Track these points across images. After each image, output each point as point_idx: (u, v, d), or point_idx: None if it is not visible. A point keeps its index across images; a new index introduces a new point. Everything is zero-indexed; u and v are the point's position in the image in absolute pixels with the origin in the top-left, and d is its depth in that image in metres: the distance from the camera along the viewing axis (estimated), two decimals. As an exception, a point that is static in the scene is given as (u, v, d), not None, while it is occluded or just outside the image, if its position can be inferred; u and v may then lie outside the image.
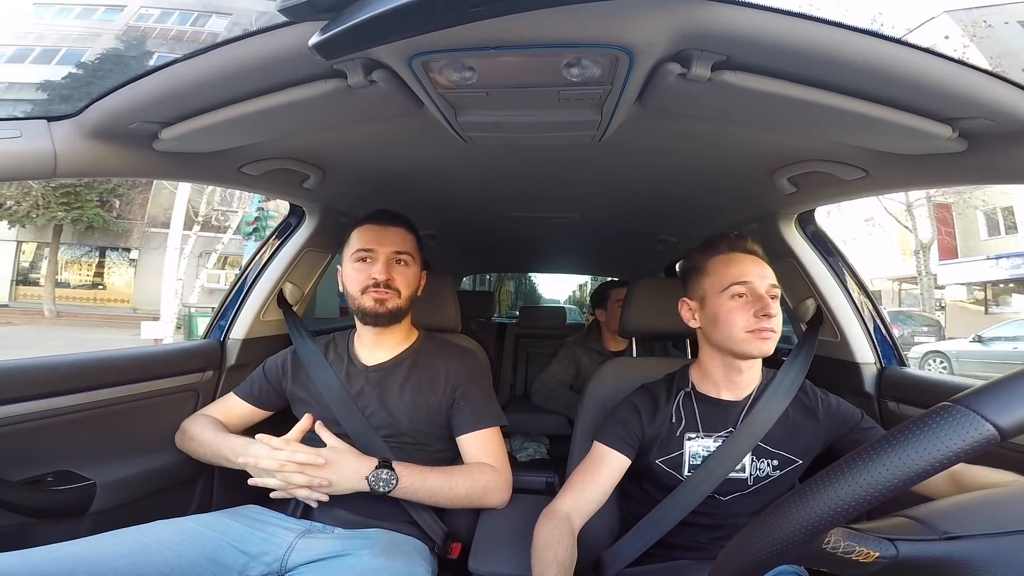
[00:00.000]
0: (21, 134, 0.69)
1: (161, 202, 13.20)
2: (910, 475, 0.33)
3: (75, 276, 14.19)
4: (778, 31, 0.52)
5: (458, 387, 1.00)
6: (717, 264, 0.88)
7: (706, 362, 0.92)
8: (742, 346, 0.82)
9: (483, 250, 2.41)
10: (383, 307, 0.97)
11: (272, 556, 0.82)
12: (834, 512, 0.35)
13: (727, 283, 0.84)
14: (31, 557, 0.66)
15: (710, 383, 0.91)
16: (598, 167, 1.07)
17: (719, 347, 0.87)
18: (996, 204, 13.39)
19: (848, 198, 1.05)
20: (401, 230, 1.02)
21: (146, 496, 1.00)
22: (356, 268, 1.00)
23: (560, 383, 2.02)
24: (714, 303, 0.86)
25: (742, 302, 0.83)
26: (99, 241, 13.56)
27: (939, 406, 0.35)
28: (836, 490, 0.35)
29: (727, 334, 0.83)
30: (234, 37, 0.58)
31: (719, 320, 0.84)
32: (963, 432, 0.33)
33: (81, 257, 14.05)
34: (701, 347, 0.93)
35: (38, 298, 13.36)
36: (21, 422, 0.86)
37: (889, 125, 0.65)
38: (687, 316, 0.93)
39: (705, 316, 0.88)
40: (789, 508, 0.37)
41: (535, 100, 0.68)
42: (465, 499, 0.92)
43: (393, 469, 0.86)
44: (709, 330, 0.88)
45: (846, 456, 0.36)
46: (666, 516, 0.85)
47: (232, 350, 1.26)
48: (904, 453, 0.34)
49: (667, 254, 2.15)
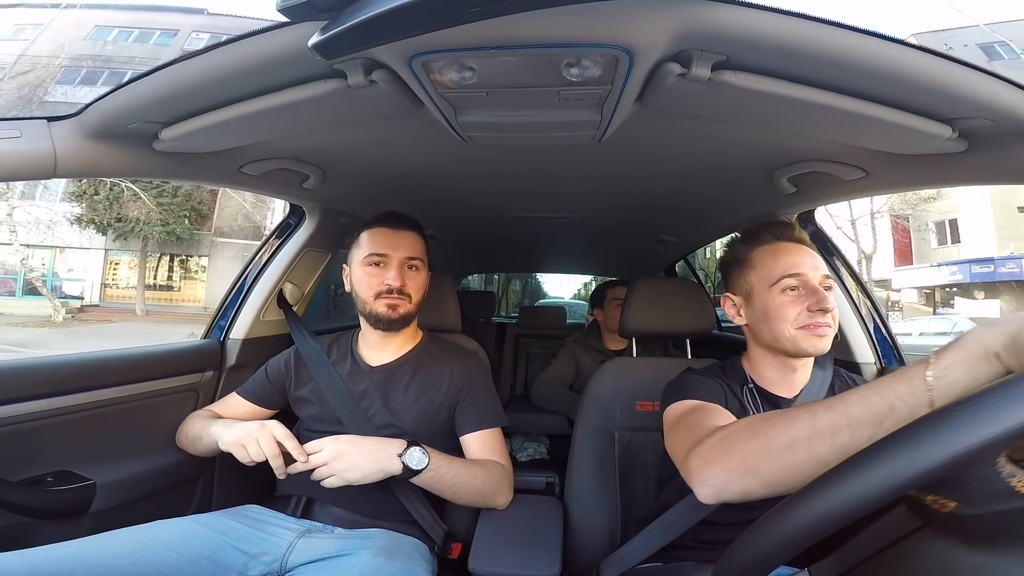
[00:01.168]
0: (21, 134, 0.69)
1: (226, 216, 15.82)
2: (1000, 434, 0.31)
3: (154, 279, 16.61)
4: (778, 31, 0.52)
5: (462, 388, 1.00)
6: (763, 255, 0.81)
7: (757, 360, 0.86)
8: (797, 344, 0.76)
9: (483, 250, 2.41)
10: (396, 313, 0.97)
11: (272, 556, 0.82)
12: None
13: (777, 276, 0.78)
14: (30, 557, 0.66)
15: (766, 381, 0.85)
16: (598, 167, 1.07)
17: (769, 345, 0.81)
18: (946, 217, 14.94)
19: (848, 198, 1.05)
20: (412, 234, 1.02)
21: (146, 496, 1.00)
22: (368, 272, 0.99)
23: (560, 383, 2.02)
24: (763, 298, 0.79)
25: (794, 296, 0.77)
26: (176, 249, 15.70)
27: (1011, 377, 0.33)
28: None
29: (779, 331, 0.77)
30: (234, 37, 0.58)
31: (769, 316, 0.78)
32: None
33: (159, 262, 16.40)
34: (750, 345, 0.87)
35: (122, 299, 15.41)
36: (21, 422, 0.86)
37: (889, 125, 0.65)
38: (731, 313, 0.86)
39: (752, 312, 0.82)
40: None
41: (535, 100, 0.68)
42: (479, 494, 0.91)
43: (424, 449, 0.84)
44: (758, 327, 0.82)
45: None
46: (696, 506, 0.78)
47: (232, 350, 1.26)
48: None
49: (667, 254, 2.15)
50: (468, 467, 0.91)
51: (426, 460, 0.83)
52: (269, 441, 0.81)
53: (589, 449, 1.08)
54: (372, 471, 0.80)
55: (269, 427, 0.83)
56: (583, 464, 1.08)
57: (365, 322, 1.02)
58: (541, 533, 0.91)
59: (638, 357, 1.35)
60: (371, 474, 0.80)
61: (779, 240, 0.82)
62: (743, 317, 0.85)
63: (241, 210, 15.40)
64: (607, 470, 1.07)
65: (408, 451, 0.83)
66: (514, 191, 1.32)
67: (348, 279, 1.04)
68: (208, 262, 16.07)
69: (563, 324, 2.87)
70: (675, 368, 1.13)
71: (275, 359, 1.09)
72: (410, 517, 0.92)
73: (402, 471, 0.82)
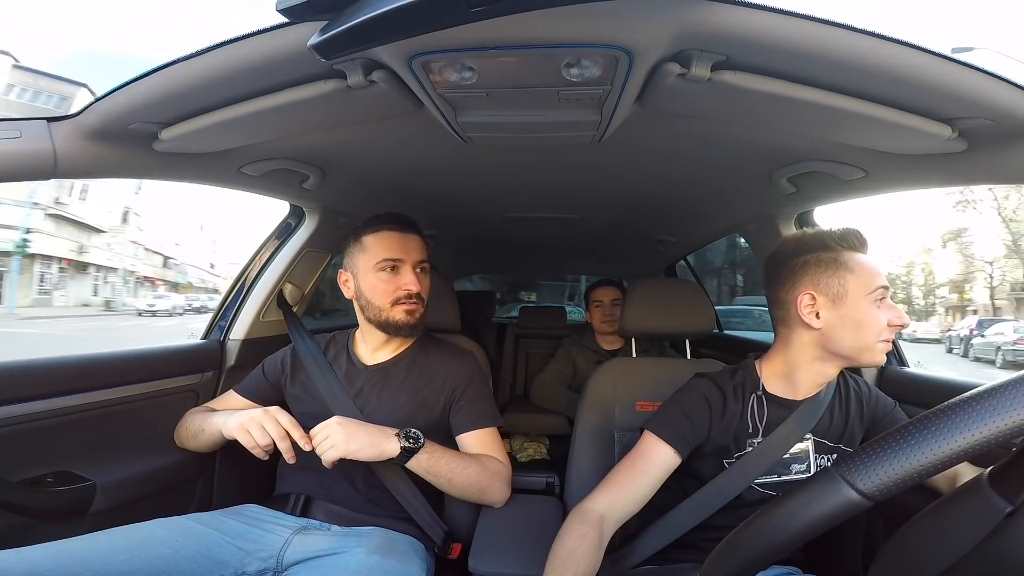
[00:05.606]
0: (21, 134, 0.69)
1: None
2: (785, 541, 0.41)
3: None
4: (778, 31, 0.52)
5: (456, 388, 1.00)
6: (860, 261, 0.78)
7: (798, 363, 0.82)
8: (874, 356, 0.76)
9: (483, 250, 2.41)
10: (414, 318, 0.97)
11: (268, 552, 0.82)
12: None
13: (875, 285, 0.76)
14: (28, 555, 0.66)
15: (787, 384, 0.84)
16: (598, 167, 1.07)
17: (838, 352, 0.78)
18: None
19: (848, 198, 1.05)
20: (418, 237, 1.02)
21: (146, 496, 1.00)
22: (382, 278, 0.96)
23: (558, 383, 2.02)
24: (859, 305, 0.76)
25: (881, 307, 0.76)
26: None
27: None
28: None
29: (864, 342, 0.76)
30: (234, 37, 0.58)
31: (862, 325, 0.75)
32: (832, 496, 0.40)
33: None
34: (798, 346, 0.82)
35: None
36: (21, 422, 0.86)
37: (889, 125, 0.65)
38: (806, 311, 0.79)
39: (839, 316, 0.77)
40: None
41: (535, 100, 0.68)
42: (475, 486, 0.91)
43: (419, 434, 0.86)
44: (839, 333, 0.77)
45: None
46: (698, 509, 0.81)
47: (232, 350, 1.26)
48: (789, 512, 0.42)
49: (667, 254, 2.15)
50: (463, 458, 0.92)
51: (421, 440, 0.85)
52: (274, 425, 0.83)
53: (589, 449, 1.08)
54: (369, 444, 0.82)
55: (272, 412, 0.85)
56: (583, 464, 1.08)
57: (378, 329, 1.00)
58: (541, 533, 0.91)
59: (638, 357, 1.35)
60: (368, 446, 0.82)
61: (864, 248, 0.80)
62: (821, 319, 0.79)
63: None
64: (607, 470, 1.06)
65: (404, 433, 0.85)
66: (514, 191, 1.32)
67: (349, 285, 1.01)
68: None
69: (563, 324, 2.86)
70: (675, 368, 1.14)
71: (272, 357, 1.09)
72: (407, 515, 0.92)
73: (399, 454, 0.83)
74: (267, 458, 0.85)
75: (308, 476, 0.93)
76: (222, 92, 0.67)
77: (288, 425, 0.83)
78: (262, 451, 0.84)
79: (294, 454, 0.83)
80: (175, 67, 0.63)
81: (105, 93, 0.69)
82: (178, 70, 0.63)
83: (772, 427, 0.82)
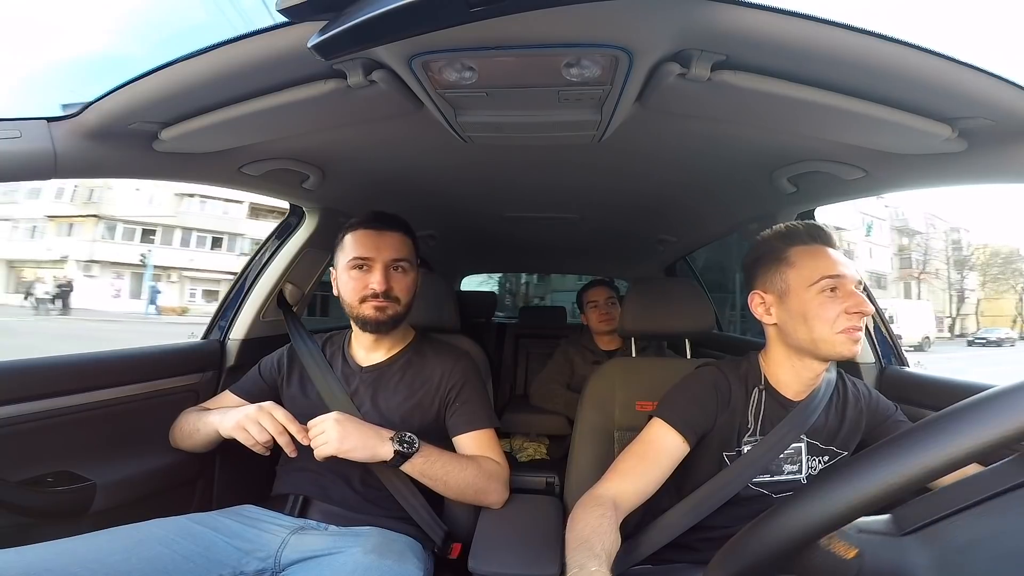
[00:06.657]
0: (21, 134, 0.69)
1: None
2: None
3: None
4: (778, 31, 0.52)
5: (452, 388, 1.00)
6: (802, 255, 0.79)
7: (777, 361, 0.84)
8: (834, 347, 0.75)
9: (483, 250, 2.41)
10: (384, 315, 0.96)
11: (265, 552, 0.82)
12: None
13: (817, 276, 0.76)
14: (27, 554, 0.66)
15: (779, 383, 0.85)
16: (598, 167, 1.07)
17: (799, 347, 0.79)
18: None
19: (848, 198, 1.05)
20: (397, 235, 1.00)
21: (146, 496, 1.00)
22: (352, 276, 0.97)
23: (557, 383, 2.02)
24: (801, 298, 0.77)
25: (832, 297, 0.75)
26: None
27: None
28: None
29: (817, 334, 0.76)
30: (234, 37, 0.58)
31: (809, 317, 0.76)
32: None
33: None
34: (772, 346, 0.85)
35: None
36: (21, 422, 0.86)
37: (889, 125, 0.65)
38: (760, 311, 0.83)
39: (786, 312, 0.79)
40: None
41: (535, 100, 0.68)
42: (471, 486, 0.91)
43: (414, 437, 0.86)
44: (791, 328, 0.79)
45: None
46: (695, 509, 0.80)
47: (232, 350, 1.26)
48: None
49: (667, 254, 2.15)
50: (459, 460, 0.92)
51: (416, 445, 0.85)
52: (270, 420, 0.83)
53: (589, 449, 1.08)
54: (363, 446, 0.82)
55: (267, 407, 0.85)
56: (583, 464, 1.07)
57: (357, 327, 1.01)
58: (541, 533, 0.91)
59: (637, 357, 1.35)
60: (361, 447, 0.82)
61: (816, 242, 0.80)
62: (773, 316, 0.82)
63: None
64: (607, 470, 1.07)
65: (398, 434, 0.85)
66: (514, 191, 1.32)
67: (335, 283, 1.03)
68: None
69: (563, 324, 2.86)
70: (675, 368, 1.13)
71: (268, 357, 1.09)
72: (405, 515, 0.92)
73: (392, 457, 0.84)
74: (268, 454, 0.85)
75: (306, 476, 0.93)
76: (222, 92, 0.67)
77: (284, 420, 0.84)
78: (262, 448, 0.84)
79: (295, 447, 0.84)
80: (175, 67, 0.63)
81: (105, 93, 0.69)
82: (178, 70, 0.63)
83: (769, 425, 0.83)
